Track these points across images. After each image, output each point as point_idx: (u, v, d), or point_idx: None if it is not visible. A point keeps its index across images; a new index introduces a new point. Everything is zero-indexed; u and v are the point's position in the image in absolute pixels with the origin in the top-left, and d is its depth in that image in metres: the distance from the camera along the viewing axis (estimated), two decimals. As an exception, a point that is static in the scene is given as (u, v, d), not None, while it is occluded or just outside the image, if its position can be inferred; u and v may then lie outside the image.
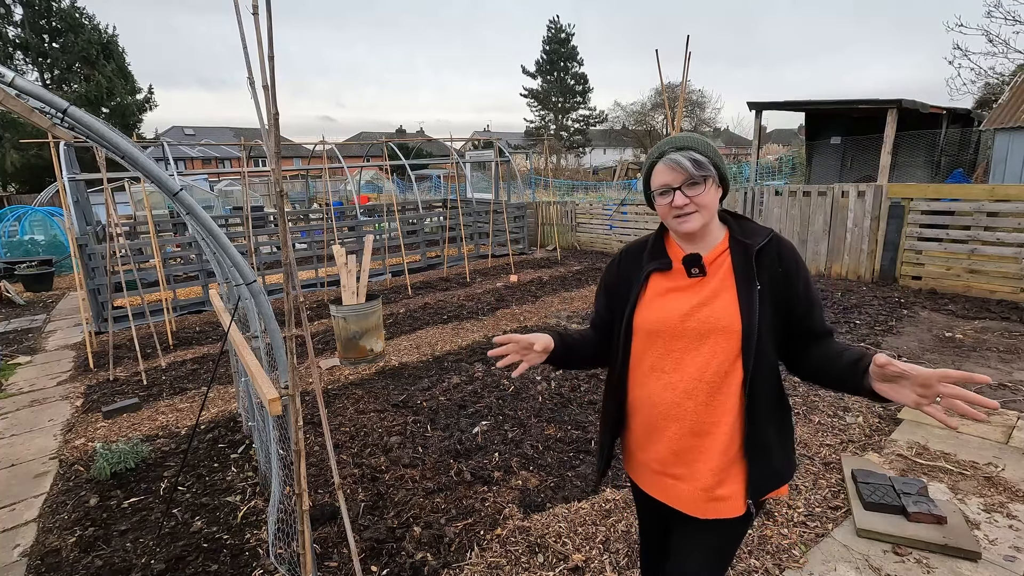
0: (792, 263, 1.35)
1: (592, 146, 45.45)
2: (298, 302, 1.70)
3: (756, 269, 1.32)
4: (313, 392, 4.47)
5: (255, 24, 1.46)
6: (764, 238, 1.36)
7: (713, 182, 1.35)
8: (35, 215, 13.57)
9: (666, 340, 1.37)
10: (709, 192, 1.34)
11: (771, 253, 1.35)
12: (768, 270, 1.34)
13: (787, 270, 1.34)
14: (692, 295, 1.37)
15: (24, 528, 3.06)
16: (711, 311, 1.33)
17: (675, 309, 1.37)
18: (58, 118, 1.55)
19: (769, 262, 1.34)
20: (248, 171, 8.81)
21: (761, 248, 1.35)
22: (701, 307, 1.34)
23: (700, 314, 1.34)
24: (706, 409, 1.33)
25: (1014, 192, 6.28)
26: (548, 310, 6.98)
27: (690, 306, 1.35)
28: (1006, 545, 2.46)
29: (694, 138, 1.38)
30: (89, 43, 23.88)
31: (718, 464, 1.34)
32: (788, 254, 1.36)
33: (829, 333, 1.37)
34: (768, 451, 1.35)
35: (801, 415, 3.79)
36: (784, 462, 1.41)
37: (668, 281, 1.41)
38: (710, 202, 1.35)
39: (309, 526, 1.90)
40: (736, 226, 1.41)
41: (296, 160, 29.83)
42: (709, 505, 1.36)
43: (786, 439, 1.43)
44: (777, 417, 1.39)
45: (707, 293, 1.35)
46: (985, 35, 15.27)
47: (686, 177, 1.32)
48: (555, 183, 23.50)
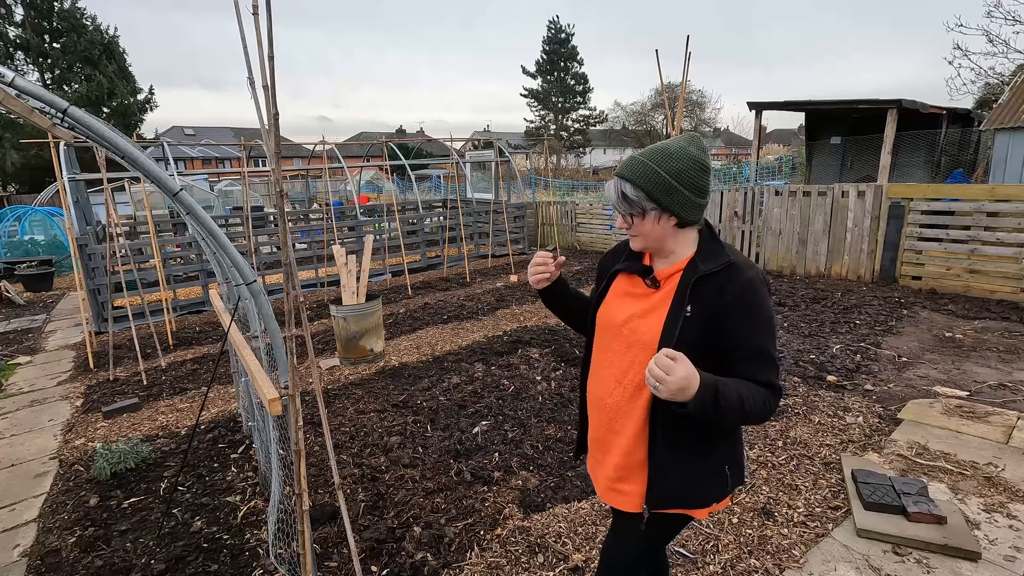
0: (737, 296, 1.27)
1: (592, 146, 45.48)
2: (298, 302, 1.70)
3: (691, 295, 1.30)
4: (313, 392, 4.47)
5: (255, 24, 1.46)
6: (716, 266, 1.30)
7: (650, 215, 1.32)
8: (35, 215, 13.57)
9: (608, 338, 1.46)
10: (646, 224, 1.34)
11: (716, 282, 1.29)
12: (704, 299, 1.29)
13: (728, 303, 1.27)
14: (637, 304, 1.41)
15: (24, 528, 3.06)
16: (640, 323, 1.38)
17: (620, 312, 1.44)
18: (58, 118, 1.55)
19: (709, 290, 1.29)
20: (248, 171, 8.81)
21: (706, 275, 1.30)
22: (636, 317, 1.39)
23: (633, 323, 1.39)
24: (619, 411, 1.42)
25: (1014, 192, 6.28)
26: (548, 310, 6.96)
27: (630, 313, 1.41)
28: (1006, 545, 2.46)
29: (642, 164, 1.31)
30: (91, 43, 23.88)
31: (620, 463, 1.44)
32: (737, 286, 1.27)
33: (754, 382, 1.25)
34: (667, 471, 1.37)
35: (801, 415, 3.79)
36: (691, 488, 1.40)
37: (628, 284, 1.47)
38: (647, 232, 1.35)
39: (309, 526, 1.90)
40: (703, 248, 1.36)
41: (296, 160, 29.84)
42: (609, 493, 1.50)
43: (700, 470, 1.39)
44: (688, 444, 1.36)
45: (647, 306, 1.39)
46: (985, 35, 15.27)
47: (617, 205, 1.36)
48: (555, 183, 23.50)
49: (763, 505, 2.83)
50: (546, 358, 5.14)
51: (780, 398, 1.30)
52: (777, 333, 1.34)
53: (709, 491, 1.42)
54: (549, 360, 5.08)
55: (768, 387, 1.27)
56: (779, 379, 1.30)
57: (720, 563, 2.44)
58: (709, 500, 1.43)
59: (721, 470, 1.41)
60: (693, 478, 1.39)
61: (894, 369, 4.56)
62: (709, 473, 1.40)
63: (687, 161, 1.29)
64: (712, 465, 1.40)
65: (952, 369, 4.51)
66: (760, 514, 2.76)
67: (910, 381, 4.31)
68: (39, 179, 22.73)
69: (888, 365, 4.65)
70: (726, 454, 1.42)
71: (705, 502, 1.43)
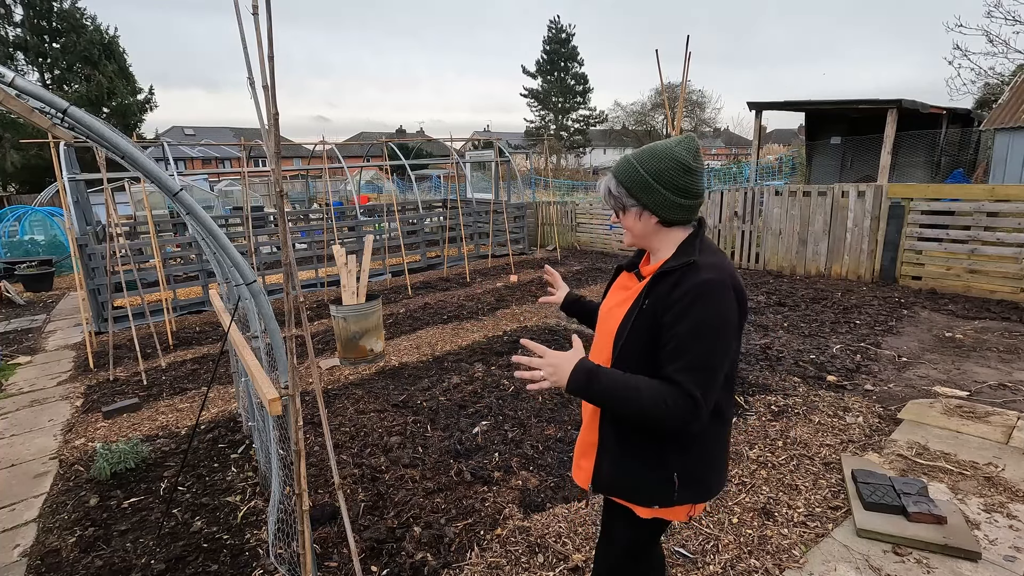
0: (682, 294, 1.27)
1: (592, 146, 45.46)
2: (298, 302, 1.70)
3: (649, 288, 1.35)
4: (313, 392, 4.47)
5: (255, 24, 1.46)
6: (676, 264, 1.33)
7: (632, 211, 1.39)
8: (35, 215, 13.57)
9: (597, 325, 1.57)
10: (629, 218, 1.42)
11: (671, 279, 1.32)
12: (658, 293, 1.33)
13: (673, 298, 1.29)
14: (621, 295, 1.50)
15: (24, 528, 3.06)
16: (612, 312, 1.48)
17: (608, 303, 1.55)
18: (58, 118, 1.55)
19: (664, 286, 1.32)
20: (248, 171, 8.81)
21: (665, 272, 1.33)
22: (614, 307, 1.49)
23: (610, 312, 1.49)
24: None
25: (1014, 192, 6.28)
26: (548, 310, 6.97)
27: (612, 304, 1.51)
28: (1006, 545, 2.46)
29: (627, 163, 1.38)
30: (91, 43, 23.87)
31: (582, 439, 1.57)
32: (687, 285, 1.28)
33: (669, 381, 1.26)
34: (609, 456, 1.45)
35: (801, 415, 3.79)
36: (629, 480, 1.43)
37: (625, 279, 1.55)
38: (631, 227, 1.43)
39: (309, 526, 1.90)
40: (680, 248, 1.38)
41: (296, 160, 29.84)
42: (574, 467, 1.63)
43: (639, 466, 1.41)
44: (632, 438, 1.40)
45: (624, 297, 1.47)
46: (985, 35, 15.27)
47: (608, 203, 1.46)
48: (555, 183, 23.50)
49: (763, 505, 2.83)
50: (546, 358, 5.13)
51: (697, 409, 1.23)
52: (722, 343, 1.28)
53: (649, 491, 1.42)
54: (549, 360, 5.08)
55: (682, 391, 1.23)
56: (700, 387, 1.23)
57: (720, 563, 2.44)
58: (650, 501, 1.43)
59: (668, 476, 1.39)
60: (633, 471, 1.42)
61: (894, 369, 4.56)
62: (652, 473, 1.40)
63: (669, 161, 1.33)
64: (655, 466, 1.40)
65: (952, 369, 4.51)
66: (760, 514, 2.76)
67: (910, 381, 4.31)
68: (39, 179, 22.71)
69: (888, 365, 4.65)
70: (677, 463, 1.39)
71: (645, 501, 1.43)
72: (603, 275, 9.06)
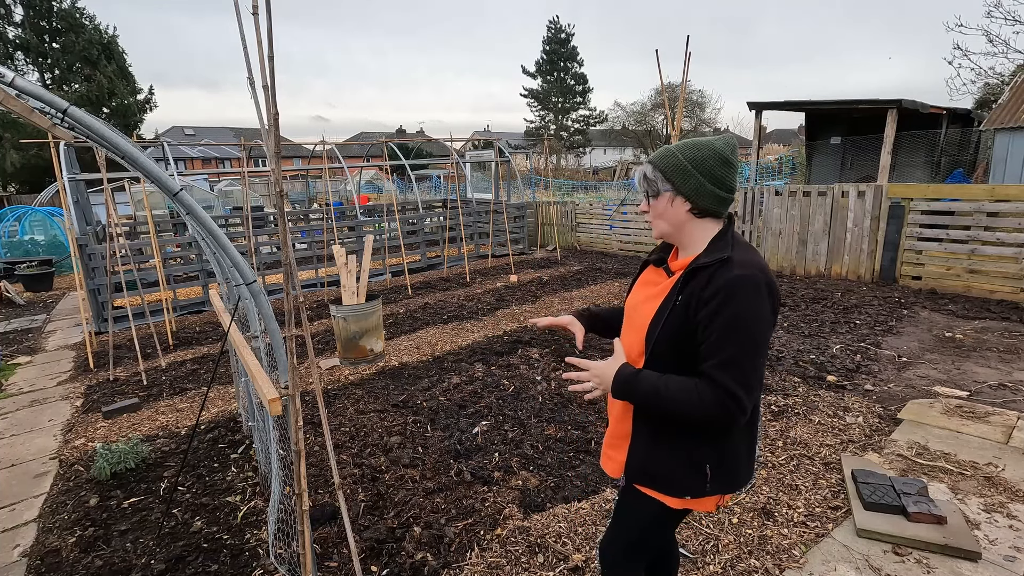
0: (716, 291, 1.28)
1: (592, 146, 45.44)
2: (298, 302, 1.70)
3: (682, 284, 1.36)
4: (313, 392, 4.47)
5: (255, 24, 1.46)
6: (710, 260, 1.34)
7: (666, 196, 1.41)
8: (35, 215, 13.57)
9: (626, 321, 1.58)
10: (660, 204, 1.44)
11: (704, 275, 1.33)
12: (692, 289, 1.34)
13: (707, 296, 1.29)
14: (651, 290, 1.50)
15: (24, 528, 3.06)
16: (643, 307, 1.48)
17: (635, 298, 1.55)
18: (58, 118, 1.55)
19: (699, 282, 1.33)
20: (248, 171, 8.81)
21: (698, 268, 1.35)
22: (642, 303, 1.49)
23: (639, 308, 1.50)
24: None
25: (1014, 192, 6.28)
26: (548, 310, 6.97)
27: (641, 299, 1.52)
28: (1006, 545, 2.46)
29: (664, 152, 1.43)
30: (90, 43, 23.88)
31: (613, 431, 1.58)
32: (721, 282, 1.29)
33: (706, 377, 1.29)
34: (643, 445, 1.48)
35: (801, 415, 3.79)
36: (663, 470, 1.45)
37: (652, 274, 1.56)
38: (663, 212, 1.44)
39: (309, 526, 1.90)
40: (712, 243, 1.40)
41: (296, 160, 29.84)
42: (604, 458, 1.65)
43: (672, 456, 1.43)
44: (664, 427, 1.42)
45: (654, 293, 1.48)
46: (985, 35, 15.27)
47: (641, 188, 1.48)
48: (555, 183, 23.49)
49: (763, 505, 2.83)
50: (546, 358, 5.14)
51: (735, 405, 1.26)
52: (759, 339, 1.29)
53: (683, 482, 1.43)
54: (549, 360, 5.08)
55: (719, 388, 1.26)
56: (740, 385, 1.26)
57: (720, 563, 2.44)
58: (683, 491, 1.44)
59: (700, 467, 1.41)
60: (667, 461, 1.44)
61: (894, 369, 4.56)
62: (685, 463, 1.42)
63: (708, 151, 1.37)
64: (690, 457, 1.42)
65: (952, 369, 4.51)
66: (760, 514, 2.76)
67: (910, 381, 4.31)
68: (39, 179, 22.72)
69: (888, 365, 4.65)
70: (709, 453, 1.41)
71: (677, 491, 1.45)
72: (603, 275, 9.06)
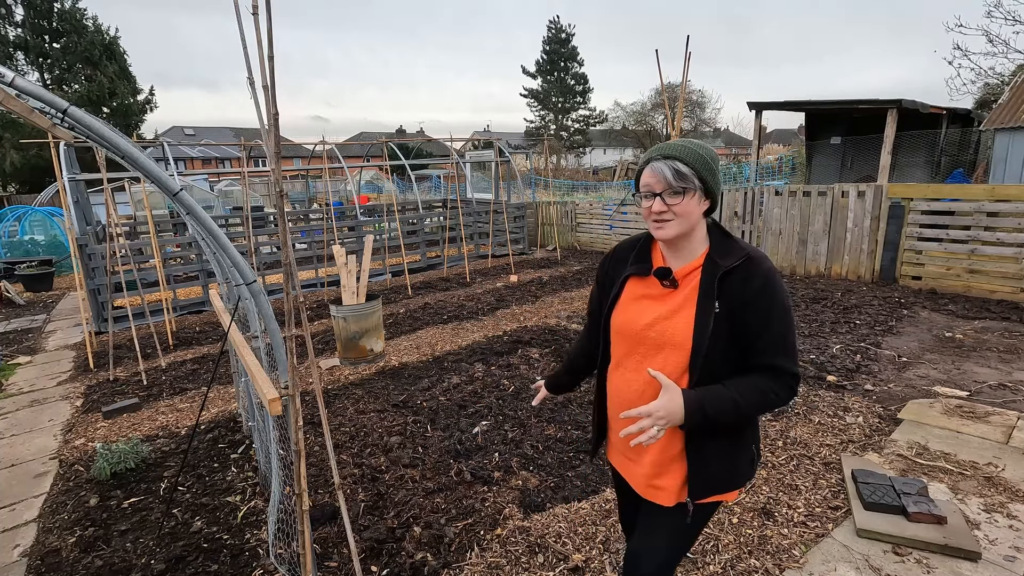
0: (759, 287, 1.32)
1: (592, 146, 45.44)
2: (298, 302, 1.70)
3: (718, 291, 1.34)
4: (313, 392, 4.47)
5: (255, 24, 1.46)
6: (736, 260, 1.35)
7: (695, 194, 1.36)
8: (35, 215, 13.57)
9: (631, 343, 1.47)
10: (689, 203, 1.35)
11: (738, 276, 1.34)
12: (730, 293, 1.33)
13: (750, 294, 1.32)
14: (660, 305, 1.43)
15: (24, 528, 3.06)
16: (669, 324, 1.39)
17: (641, 316, 1.45)
18: (58, 118, 1.55)
19: (733, 285, 1.33)
20: (248, 171, 8.82)
21: (729, 270, 1.34)
22: (662, 319, 1.41)
23: (660, 325, 1.41)
24: None
25: (1014, 192, 6.28)
26: (548, 310, 6.98)
27: (654, 316, 1.42)
28: (1006, 545, 2.46)
29: (685, 147, 1.36)
30: (91, 44, 23.90)
31: (657, 459, 1.47)
32: (758, 278, 1.33)
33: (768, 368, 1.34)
34: (706, 461, 1.43)
35: (801, 415, 3.79)
36: (726, 472, 1.46)
37: (643, 287, 1.48)
38: (689, 212, 1.36)
39: (309, 526, 1.90)
40: (717, 244, 1.40)
41: (296, 160, 29.84)
42: (649, 490, 1.52)
43: (734, 453, 1.47)
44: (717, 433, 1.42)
45: (671, 306, 1.41)
46: (985, 35, 15.26)
47: (666, 185, 1.35)
48: (555, 183, 23.49)
49: (763, 505, 2.83)
50: (546, 358, 5.14)
51: (798, 383, 1.37)
52: (793, 319, 1.40)
53: (742, 471, 1.49)
54: (549, 360, 5.08)
55: (785, 374, 1.35)
56: (796, 364, 1.36)
57: (720, 563, 2.44)
58: (742, 481, 1.50)
59: (749, 449, 1.49)
60: (729, 461, 1.46)
61: (894, 369, 4.56)
62: (742, 453, 1.48)
63: (713, 151, 1.40)
64: (744, 445, 1.48)
65: (952, 369, 4.51)
66: (760, 514, 2.76)
67: (910, 381, 4.31)
68: (39, 179, 22.72)
69: (888, 365, 4.64)
70: (752, 435, 1.51)
71: (738, 483, 1.49)
72: (603, 275, 9.05)
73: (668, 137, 4.09)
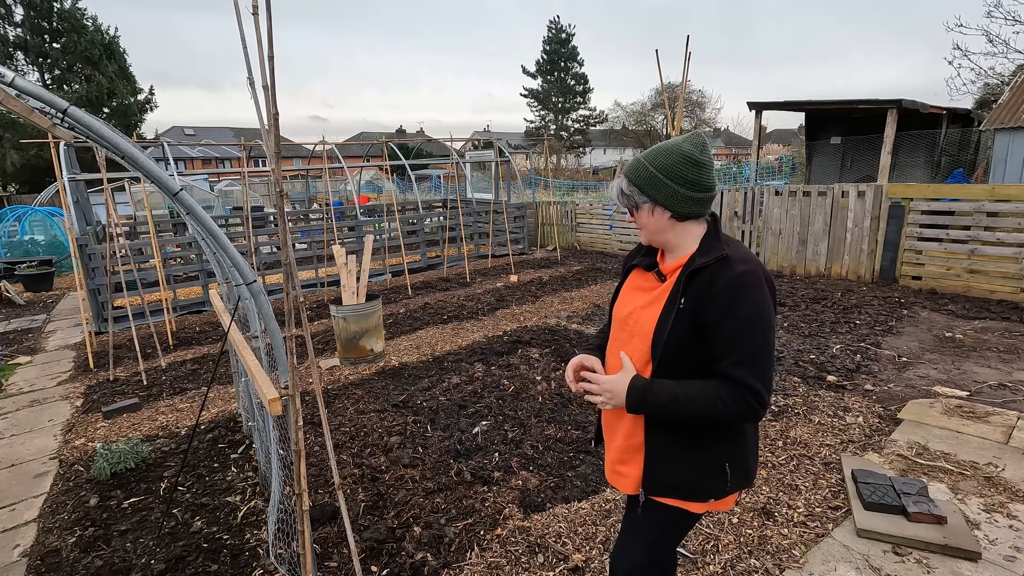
0: (723, 288, 1.30)
1: (592, 146, 45.44)
2: (298, 302, 1.70)
3: (684, 287, 1.35)
4: (313, 392, 4.47)
5: (255, 24, 1.46)
6: (709, 259, 1.34)
7: (646, 207, 1.41)
8: (35, 215, 13.57)
9: (617, 329, 1.55)
10: (643, 215, 1.43)
11: (706, 275, 1.33)
12: (695, 290, 1.33)
13: (713, 296, 1.30)
14: (645, 296, 1.49)
15: (24, 528, 3.06)
16: (643, 314, 1.45)
17: (628, 305, 1.52)
18: (58, 118, 1.55)
19: (700, 283, 1.33)
20: (248, 171, 8.82)
21: (698, 268, 1.35)
22: (639, 309, 1.47)
23: (636, 314, 1.47)
24: None
25: (1014, 192, 6.28)
26: (548, 310, 6.98)
27: (636, 305, 1.49)
28: (1006, 545, 2.46)
29: (638, 162, 1.42)
30: (91, 44, 23.88)
31: (621, 445, 1.53)
32: (725, 281, 1.30)
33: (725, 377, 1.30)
34: (660, 456, 1.44)
35: (801, 415, 3.79)
36: (688, 479, 1.43)
37: (641, 279, 1.55)
38: (645, 223, 1.44)
39: (309, 526, 1.90)
40: (704, 244, 1.41)
41: (296, 160, 29.83)
42: (612, 475, 1.59)
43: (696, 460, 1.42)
44: (683, 434, 1.41)
45: (651, 298, 1.46)
46: (985, 35, 15.28)
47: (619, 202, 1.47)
48: (555, 183, 23.49)
49: (763, 505, 2.83)
50: (546, 358, 5.14)
51: (759, 401, 1.29)
52: (770, 333, 1.33)
53: (705, 486, 1.44)
54: (549, 360, 5.08)
55: (741, 386, 1.29)
56: (759, 380, 1.29)
57: (720, 563, 2.44)
58: (706, 495, 1.45)
59: (720, 468, 1.42)
60: (687, 468, 1.43)
61: (894, 369, 4.56)
62: (705, 467, 1.43)
63: (676, 156, 1.37)
64: (709, 460, 1.42)
65: (952, 369, 4.51)
66: (760, 514, 2.76)
67: (910, 381, 4.31)
68: (39, 179, 22.72)
69: (888, 365, 4.64)
70: (727, 453, 1.43)
71: (701, 496, 1.45)
72: (603, 275, 9.06)
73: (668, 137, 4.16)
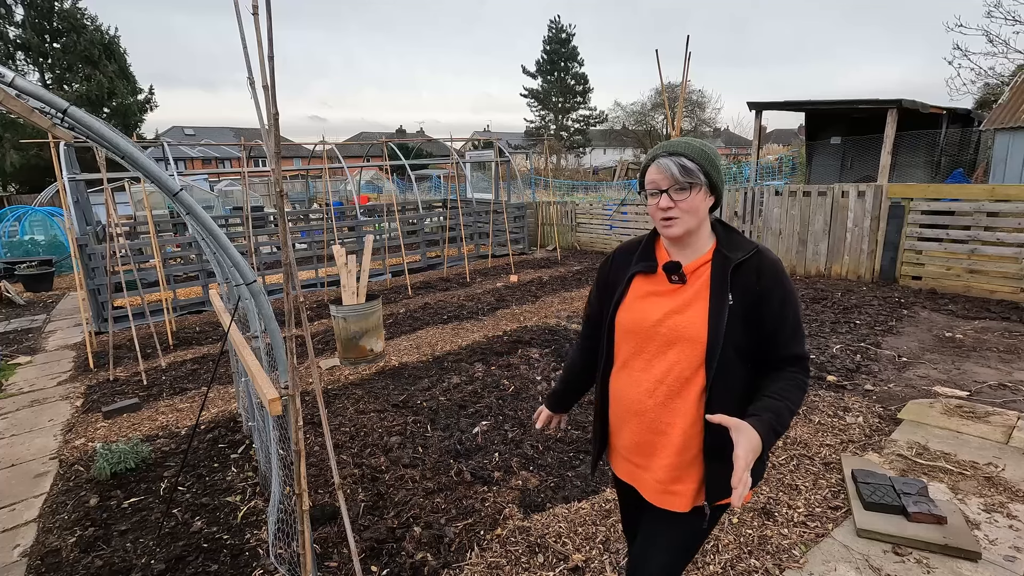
0: (771, 280, 1.34)
1: (592, 146, 45.41)
2: (298, 302, 1.70)
3: (731, 283, 1.34)
4: (313, 392, 4.47)
5: (255, 24, 1.46)
6: (746, 253, 1.36)
7: (702, 190, 1.36)
8: (35, 215, 13.57)
9: (640, 340, 1.44)
10: (695, 199, 1.36)
11: (750, 268, 1.35)
12: (743, 286, 1.34)
13: (764, 287, 1.34)
14: (669, 301, 1.42)
15: (24, 528, 3.06)
16: (681, 319, 1.38)
17: (651, 313, 1.43)
18: (58, 118, 1.55)
19: (746, 277, 1.35)
20: (248, 171, 8.81)
21: (740, 263, 1.35)
22: (674, 314, 1.39)
23: (671, 321, 1.39)
24: (663, 409, 1.41)
25: (1014, 192, 6.28)
26: (548, 310, 6.98)
27: (664, 312, 1.41)
28: (1006, 545, 2.46)
29: (689, 144, 1.38)
30: (91, 44, 23.89)
31: (672, 462, 1.42)
32: (769, 271, 1.35)
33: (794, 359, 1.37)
34: (723, 463, 1.35)
35: (801, 415, 3.79)
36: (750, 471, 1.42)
37: (650, 284, 1.47)
38: (695, 208, 1.37)
39: (309, 526, 1.90)
40: (724, 238, 1.42)
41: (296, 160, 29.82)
42: (663, 496, 1.45)
43: None
44: None
45: (682, 301, 1.40)
46: (985, 35, 15.28)
47: (672, 182, 1.35)
48: (555, 183, 23.48)
49: (763, 505, 2.83)
50: (546, 358, 5.14)
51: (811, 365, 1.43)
52: None
53: (757, 470, 1.43)
54: (549, 360, 5.08)
55: (804, 359, 1.39)
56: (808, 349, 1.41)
57: (720, 563, 2.44)
58: (755, 480, 1.43)
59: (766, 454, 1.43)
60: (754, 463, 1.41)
61: (894, 369, 4.56)
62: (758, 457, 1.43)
63: (715, 149, 1.42)
64: None
65: (952, 369, 4.51)
66: (760, 514, 2.76)
67: (910, 381, 4.31)
68: (39, 179, 22.72)
69: (888, 365, 4.64)
70: None
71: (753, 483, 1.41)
72: (603, 275, 9.05)
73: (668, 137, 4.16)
